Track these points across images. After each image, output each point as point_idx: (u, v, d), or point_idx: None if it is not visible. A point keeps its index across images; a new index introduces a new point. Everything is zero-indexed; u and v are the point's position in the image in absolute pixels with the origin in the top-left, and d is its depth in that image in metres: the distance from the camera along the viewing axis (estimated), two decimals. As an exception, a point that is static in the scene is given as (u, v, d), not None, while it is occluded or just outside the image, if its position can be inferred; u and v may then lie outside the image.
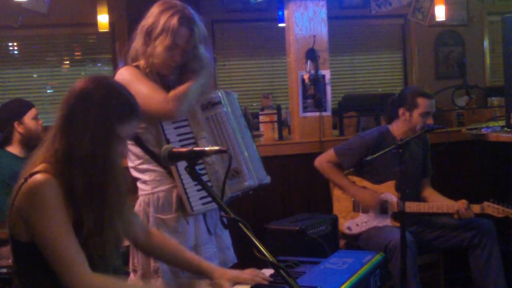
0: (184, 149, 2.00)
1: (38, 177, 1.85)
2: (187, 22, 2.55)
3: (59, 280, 1.84)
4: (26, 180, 1.87)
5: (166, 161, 2.03)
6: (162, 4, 2.60)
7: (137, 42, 2.61)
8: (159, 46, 2.52)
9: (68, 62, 6.89)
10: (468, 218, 3.66)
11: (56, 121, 1.94)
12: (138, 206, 2.60)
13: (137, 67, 2.60)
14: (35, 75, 6.77)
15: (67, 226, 1.84)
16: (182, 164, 2.27)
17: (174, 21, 2.53)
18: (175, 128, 2.56)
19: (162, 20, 2.54)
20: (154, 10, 2.60)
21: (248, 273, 2.14)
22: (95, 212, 1.88)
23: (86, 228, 1.87)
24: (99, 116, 1.89)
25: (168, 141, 2.51)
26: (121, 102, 1.95)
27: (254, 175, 2.66)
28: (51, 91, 6.78)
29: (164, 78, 2.61)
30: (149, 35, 2.56)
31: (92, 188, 1.88)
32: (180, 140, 2.55)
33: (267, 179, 2.77)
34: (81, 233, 1.87)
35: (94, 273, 1.86)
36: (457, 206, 3.67)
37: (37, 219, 1.83)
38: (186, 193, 2.52)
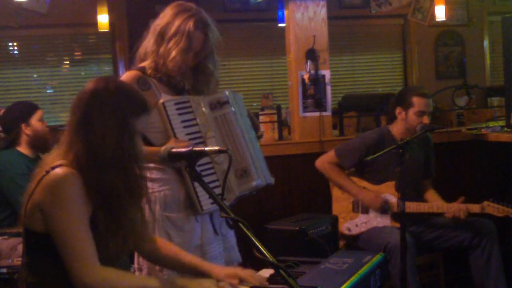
0: (183, 149, 2.00)
1: (61, 170, 1.89)
2: (202, 26, 2.57)
3: (67, 271, 1.87)
4: (47, 172, 1.90)
5: (166, 161, 2.04)
6: (177, 6, 2.61)
7: (148, 42, 2.61)
8: (174, 50, 2.53)
9: (68, 62, 6.89)
10: (464, 216, 3.66)
11: (70, 125, 1.97)
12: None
13: (142, 68, 2.60)
14: (35, 75, 6.77)
15: (84, 220, 1.89)
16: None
17: (190, 24, 2.54)
18: (184, 127, 2.57)
19: (177, 22, 2.55)
20: (168, 11, 2.60)
21: (246, 272, 2.13)
22: (133, 208, 1.96)
23: (120, 225, 1.93)
24: (117, 115, 1.94)
25: None
26: (133, 97, 2.01)
27: (262, 175, 2.67)
28: (51, 91, 6.78)
29: (171, 79, 2.61)
30: (161, 36, 2.57)
31: (130, 186, 1.94)
32: (189, 139, 2.56)
33: (272, 180, 2.77)
34: (102, 230, 1.92)
35: (102, 266, 1.90)
36: (455, 206, 3.67)
37: (55, 211, 1.87)
38: (195, 192, 2.52)
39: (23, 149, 3.60)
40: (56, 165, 1.91)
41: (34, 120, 3.60)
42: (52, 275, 1.92)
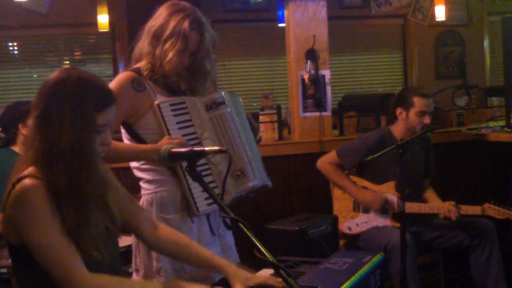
0: (184, 149, 1.99)
1: (25, 182, 1.81)
2: (197, 26, 2.55)
3: (57, 284, 1.81)
4: (14, 186, 1.83)
5: (166, 161, 2.03)
6: (171, 6, 2.58)
7: (143, 43, 2.60)
8: (170, 51, 2.51)
9: (68, 62, 6.90)
10: (455, 217, 3.65)
11: (31, 120, 1.89)
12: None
13: (137, 69, 2.60)
14: (35, 75, 6.77)
15: (58, 229, 1.80)
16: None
17: (185, 25, 2.51)
18: (180, 128, 2.56)
19: (172, 23, 2.52)
20: (163, 11, 2.58)
21: (262, 276, 2.07)
22: (77, 206, 1.84)
23: (68, 224, 1.82)
24: (75, 108, 1.84)
25: None
26: (96, 91, 1.90)
27: (258, 176, 2.66)
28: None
29: (167, 79, 2.61)
30: (157, 37, 2.55)
31: (74, 182, 1.83)
32: None
33: (269, 182, 2.76)
34: (73, 234, 1.83)
35: (91, 274, 1.83)
36: (446, 207, 3.67)
37: (27, 226, 1.80)
38: (191, 193, 2.52)
39: (18, 148, 3.58)
40: (21, 177, 1.82)
41: None
42: (36, 285, 1.87)
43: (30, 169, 1.85)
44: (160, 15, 2.58)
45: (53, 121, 1.84)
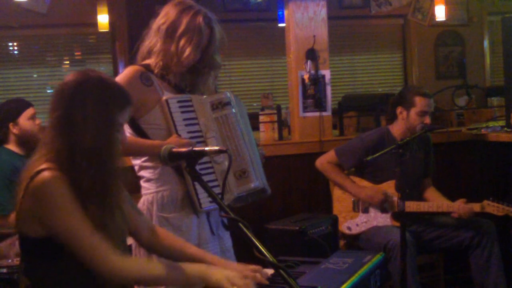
0: (183, 149, 2.00)
1: (46, 174, 1.83)
2: (209, 21, 2.60)
3: (90, 268, 1.83)
4: (32, 179, 1.85)
5: (166, 161, 2.03)
6: (179, 4, 2.61)
7: (151, 41, 2.61)
8: (187, 47, 2.53)
9: (68, 62, 6.90)
10: (467, 216, 3.66)
11: (51, 121, 1.92)
12: (142, 205, 2.61)
13: (147, 65, 2.61)
14: (35, 75, 6.77)
15: (83, 216, 1.84)
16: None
17: (199, 20, 2.55)
18: (186, 125, 2.57)
19: (185, 19, 2.55)
20: (171, 9, 2.60)
21: (250, 269, 2.08)
22: (99, 205, 1.88)
23: (93, 224, 1.86)
24: (100, 109, 1.89)
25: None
26: (115, 90, 1.96)
27: (260, 178, 2.66)
28: (51, 91, 6.78)
29: (175, 77, 2.63)
30: (170, 35, 2.56)
31: (97, 182, 1.88)
32: (190, 138, 2.56)
33: (269, 188, 2.77)
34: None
35: (122, 256, 1.87)
36: (457, 205, 3.68)
37: (53, 216, 1.83)
38: (195, 189, 2.52)
39: (11, 147, 3.55)
40: (40, 170, 1.85)
41: (23, 119, 3.53)
42: (49, 279, 1.89)
43: (47, 164, 1.87)
44: (169, 13, 2.60)
45: (77, 123, 1.87)
